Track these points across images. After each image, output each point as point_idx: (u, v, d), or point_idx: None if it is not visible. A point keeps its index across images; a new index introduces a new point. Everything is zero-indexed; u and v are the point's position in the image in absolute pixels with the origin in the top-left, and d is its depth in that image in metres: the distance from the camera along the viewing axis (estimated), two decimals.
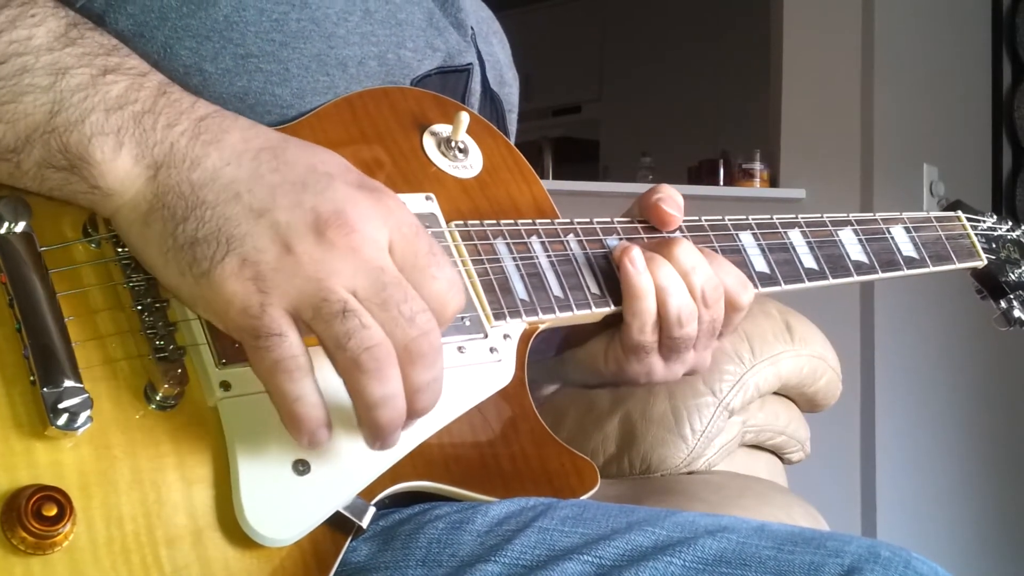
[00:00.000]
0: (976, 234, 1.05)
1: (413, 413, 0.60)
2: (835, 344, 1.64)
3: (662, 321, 0.77)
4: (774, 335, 1.55)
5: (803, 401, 1.65)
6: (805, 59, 3.54)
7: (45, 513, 0.54)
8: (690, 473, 1.50)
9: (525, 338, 0.75)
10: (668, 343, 0.78)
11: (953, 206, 1.07)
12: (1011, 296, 1.07)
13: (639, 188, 3.77)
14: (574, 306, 0.77)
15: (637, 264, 0.76)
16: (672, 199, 0.84)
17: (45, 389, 0.56)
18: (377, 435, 0.60)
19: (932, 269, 0.97)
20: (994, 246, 1.07)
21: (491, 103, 0.94)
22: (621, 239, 0.82)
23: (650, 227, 0.84)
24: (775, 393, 1.60)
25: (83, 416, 0.56)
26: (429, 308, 0.60)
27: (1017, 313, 1.08)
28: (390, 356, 0.58)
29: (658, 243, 0.79)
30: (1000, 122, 3.79)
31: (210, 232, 0.57)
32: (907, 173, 3.50)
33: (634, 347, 0.78)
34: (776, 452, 1.67)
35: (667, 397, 1.49)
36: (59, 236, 0.62)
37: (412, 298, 0.59)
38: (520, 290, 0.75)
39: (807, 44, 3.55)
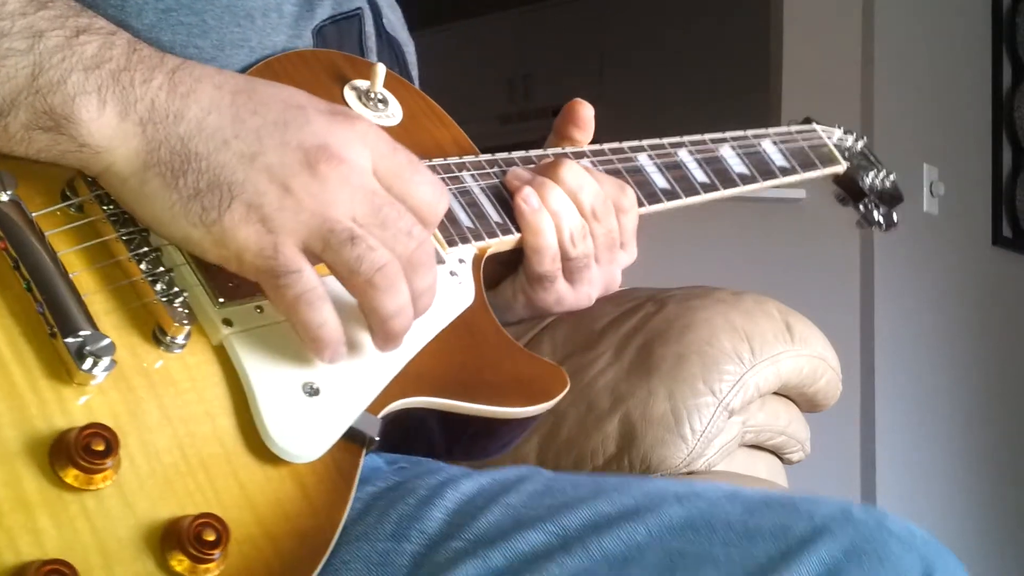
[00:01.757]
0: (831, 143, 1.16)
1: (417, 314, 0.67)
2: (835, 344, 1.64)
3: (559, 244, 0.83)
4: (774, 335, 1.55)
5: (803, 401, 1.65)
6: (805, 59, 3.54)
7: (95, 447, 0.56)
8: (690, 473, 1.50)
9: (477, 261, 0.82)
10: (567, 265, 0.84)
11: (806, 121, 1.18)
12: (867, 199, 1.18)
13: None
14: (514, 229, 0.83)
15: (532, 202, 0.82)
16: (581, 120, 0.92)
17: (67, 339, 0.58)
18: (391, 341, 0.66)
19: (802, 176, 1.08)
20: (847, 155, 1.17)
21: (389, 47, 0.97)
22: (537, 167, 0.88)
23: (559, 154, 0.91)
24: (775, 393, 1.60)
25: (107, 359, 0.59)
26: (421, 214, 0.65)
27: (876, 216, 1.19)
28: (399, 271, 0.64)
29: (545, 166, 0.85)
30: (1000, 122, 3.79)
31: (211, 182, 0.61)
32: (907, 173, 3.49)
33: (539, 278, 0.84)
34: (776, 452, 1.67)
35: (667, 397, 1.49)
36: (40, 204, 0.64)
37: (405, 213, 0.64)
38: (464, 219, 0.82)
39: (807, 43, 3.55)
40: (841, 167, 1.15)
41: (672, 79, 5.60)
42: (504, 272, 0.87)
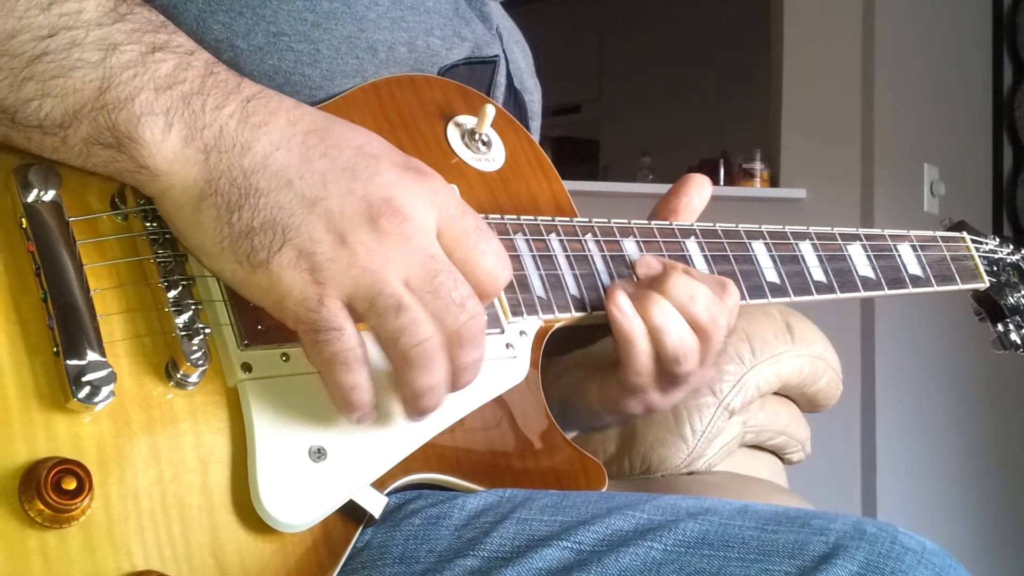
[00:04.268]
0: (979, 256, 1.04)
1: (457, 388, 0.63)
2: (835, 344, 1.63)
3: (661, 360, 0.76)
4: (774, 335, 1.54)
5: (803, 401, 1.65)
6: (805, 59, 3.54)
7: (65, 486, 0.53)
8: (690, 473, 1.50)
9: (540, 336, 0.75)
10: (668, 378, 0.77)
11: (957, 227, 1.07)
12: (1008, 320, 1.07)
13: (639, 188, 3.77)
14: (589, 307, 0.77)
15: (625, 310, 0.75)
16: (692, 200, 0.85)
17: (69, 361, 0.55)
18: (418, 416, 0.63)
19: (936, 289, 0.97)
20: (995, 268, 1.07)
21: (515, 100, 0.94)
22: (638, 241, 0.82)
23: (665, 229, 0.84)
24: (775, 393, 1.60)
25: (105, 390, 0.55)
26: (480, 283, 0.62)
27: (1013, 336, 1.08)
28: (439, 350, 0.60)
29: (653, 279, 0.78)
30: (1001, 122, 3.79)
31: (266, 221, 0.58)
32: (907, 173, 3.49)
33: (631, 387, 0.78)
34: (776, 452, 1.67)
35: None
36: (86, 207, 0.61)
37: (461, 283, 0.61)
38: (538, 287, 0.75)
39: (807, 44, 3.55)
40: (983, 285, 1.04)
41: (672, 79, 5.60)
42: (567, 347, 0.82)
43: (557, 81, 6.04)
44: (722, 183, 3.90)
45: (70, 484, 0.53)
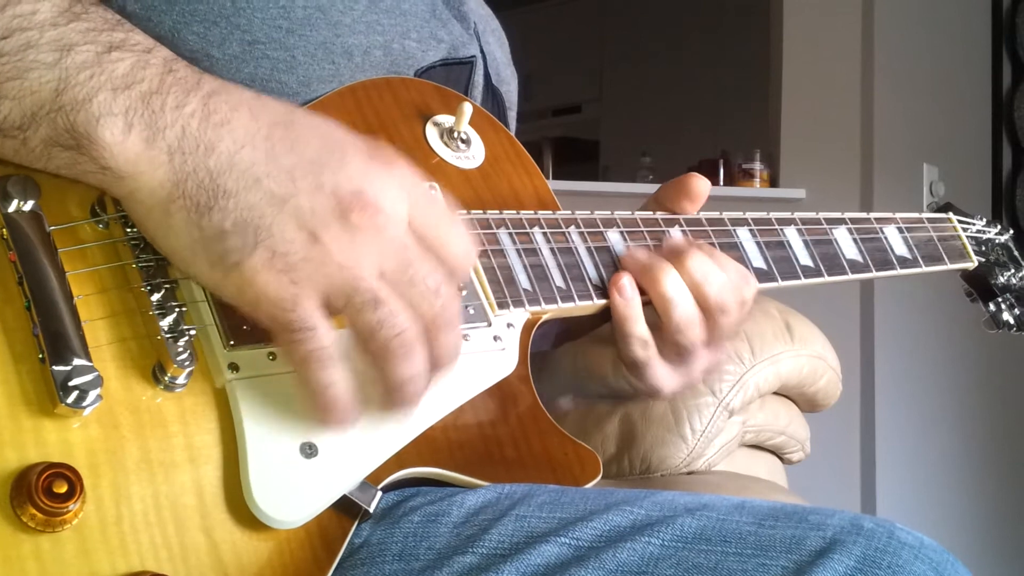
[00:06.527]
0: (967, 236, 1.05)
1: (440, 371, 0.63)
2: (835, 344, 1.64)
3: (664, 329, 0.77)
4: (774, 335, 1.55)
5: (803, 401, 1.65)
6: (805, 59, 3.54)
7: (56, 490, 0.54)
8: (690, 473, 1.50)
9: (528, 327, 0.75)
10: (674, 350, 0.78)
11: (944, 208, 1.07)
12: (999, 299, 1.07)
13: (639, 188, 3.78)
14: (576, 297, 0.77)
15: (626, 293, 0.77)
16: (696, 194, 0.85)
17: (55, 367, 0.55)
18: (402, 408, 0.62)
19: (924, 269, 0.98)
20: (983, 248, 1.07)
21: (493, 97, 0.94)
22: (622, 231, 0.82)
23: (649, 219, 0.84)
24: (775, 393, 1.60)
25: (92, 394, 0.56)
26: (450, 264, 0.62)
27: (1006, 316, 1.08)
28: (418, 338, 0.60)
29: (670, 250, 0.79)
30: (1000, 122, 3.79)
31: (237, 222, 0.57)
32: (907, 173, 3.50)
33: (629, 362, 0.79)
34: (776, 452, 1.67)
35: None
36: (66, 216, 0.61)
37: (435, 269, 0.61)
38: (523, 280, 0.75)
39: (807, 44, 3.55)
40: (971, 264, 1.04)
41: (672, 80, 5.59)
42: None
43: (557, 81, 6.04)
44: (722, 183, 3.90)
45: (61, 488, 0.54)
